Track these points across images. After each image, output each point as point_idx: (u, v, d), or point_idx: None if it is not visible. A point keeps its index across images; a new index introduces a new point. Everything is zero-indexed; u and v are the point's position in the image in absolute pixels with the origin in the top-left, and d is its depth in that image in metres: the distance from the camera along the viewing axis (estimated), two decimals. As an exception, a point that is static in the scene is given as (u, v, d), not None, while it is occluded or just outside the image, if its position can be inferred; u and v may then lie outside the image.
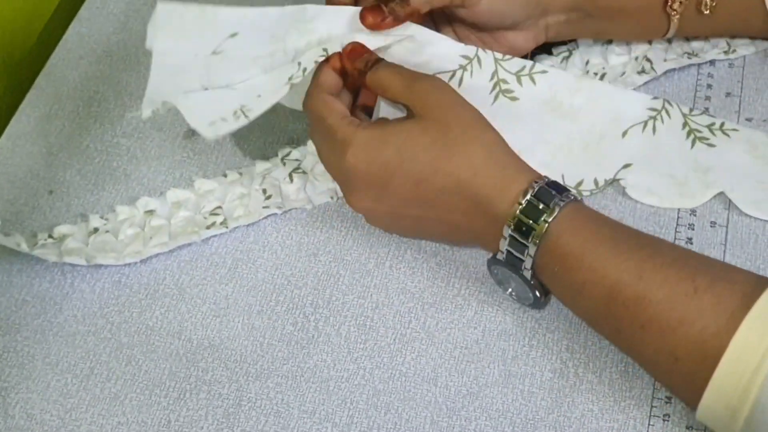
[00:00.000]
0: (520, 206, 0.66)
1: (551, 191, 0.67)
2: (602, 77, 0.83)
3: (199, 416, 0.68)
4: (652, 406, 0.68)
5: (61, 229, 0.77)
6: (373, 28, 0.73)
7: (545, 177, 0.68)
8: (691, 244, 0.74)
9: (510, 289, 0.72)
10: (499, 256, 0.69)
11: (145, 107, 0.74)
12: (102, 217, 0.77)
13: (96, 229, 0.77)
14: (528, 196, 0.66)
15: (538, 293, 0.69)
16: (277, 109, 0.75)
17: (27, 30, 0.95)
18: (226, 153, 0.82)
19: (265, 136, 0.83)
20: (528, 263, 0.67)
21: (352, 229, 0.77)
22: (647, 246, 0.65)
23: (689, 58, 0.84)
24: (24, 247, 0.74)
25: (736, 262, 0.73)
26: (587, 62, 0.84)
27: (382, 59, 0.73)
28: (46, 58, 0.90)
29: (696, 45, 0.85)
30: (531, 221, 0.66)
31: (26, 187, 0.81)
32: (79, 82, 0.88)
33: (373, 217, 0.74)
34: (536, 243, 0.66)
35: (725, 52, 0.85)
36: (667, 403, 0.68)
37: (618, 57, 0.84)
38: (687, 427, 0.67)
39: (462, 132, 0.69)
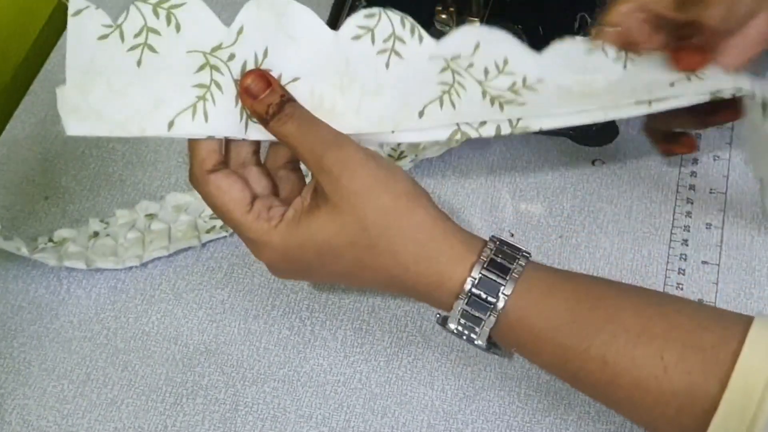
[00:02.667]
0: (462, 301, 0.59)
1: (493, 278, 0.59)
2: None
3: (196, 421, 0.68)
4: (648, 408, 0.68)
5: (61, 233, 0.77)
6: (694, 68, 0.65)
7: (483, 257, 0.59)
8: (687, 252, 0.74)
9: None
10: (452, 326, 0.61)
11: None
12: (102, 221, 0.77)
13: (96, 233, 0.77)
14: (468, 289, 0.59)
15: (496, 353, 0.62)
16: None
17: (22, 35, 0.94)
18: (221, 158, 0.82)
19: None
20: (482, 341, 0.60)
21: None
22: (610, 318, 0.58)
23: None
24: (24, 251, 0.73)
25: (731, 264, 0.73)
26: None
27: (290, 101, 0.61)
28: (41, 63, 0.90)
29: None
30: (477, 314, 0.59)
31: (22, 193, 0.81)
32: (74, 87, 0.88)
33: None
34: (486, 331, 0.59)
35: None
36: (663, 404, 0.68)
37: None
38: (684, 429, 0.67)
39: (384, 227, 0.59)
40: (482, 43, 0.65)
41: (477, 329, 0.60)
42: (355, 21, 0.63)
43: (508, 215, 0.78)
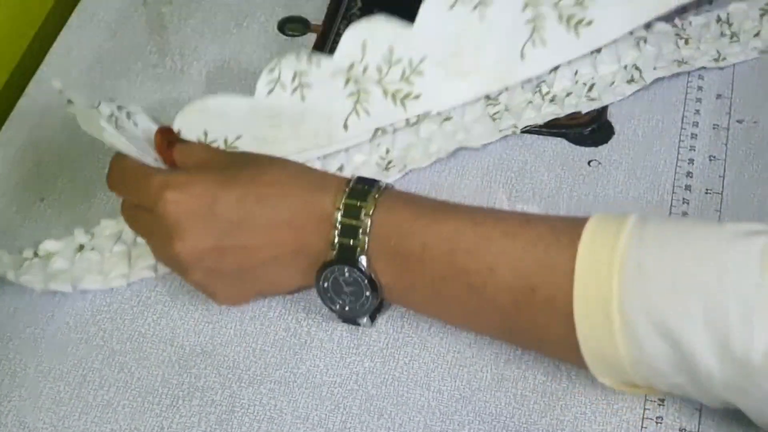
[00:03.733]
0: (348, 187, 0.67)
1: (364, 186, 0.67)
2: (591, 87, 0.83)
3: (192, 423, 0.68)
4: (644, 409, 0.68)
5: (46, 246, 0.76)
6: None
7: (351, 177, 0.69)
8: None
9: (339, 303, 0.70)
10: (331, 256, 0.67)
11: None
12: (87, 232, 0.77)
13: (82, 246, 0.76)
14: (348, 186, 0.67)
15: (372, 286, 0.68)
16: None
17: (17, 39, 0.94)
18: (217, 159, 0.82)
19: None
20: (363, 240, 0.66)
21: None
22: (470, 208, 0.68)
23: (679, 66, 0.85)
24: (11, 276, 0.73)
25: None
26: (576, 72, 0.84)
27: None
28: (36, 66, 0.90)
29: (686, 53, 0.85)
30: (358, 202, 0.66)
31: (17, 197, 0.81)
32: (70, 90, 0.88)
33: (195, 262, 0.68)
34: (369, 214, 0.66)
35: (715, 60, 0.85)
36: (660, 405, 0.68)
37: (607, 66, 0.84)
38: (680, 429, 0.67)
39: (265, 156, 0.71)
40: (368, 40, 0.76)
41: (360, 219, 0.66)
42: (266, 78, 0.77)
43: (504, 216, 0.78)
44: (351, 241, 0.66)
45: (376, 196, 0.67)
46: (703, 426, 0.66)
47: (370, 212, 0.66)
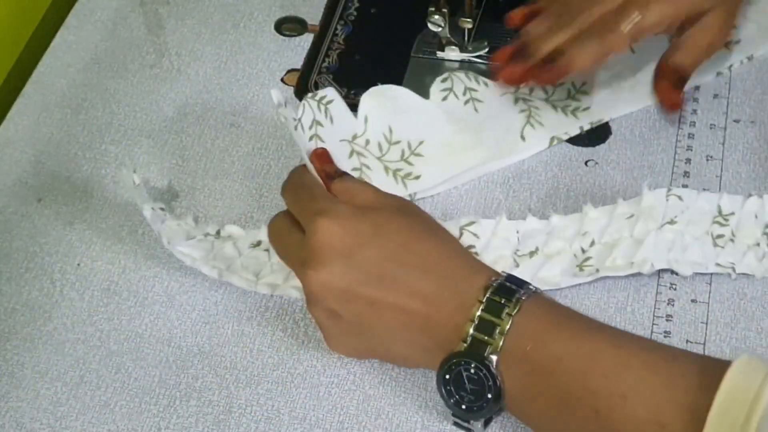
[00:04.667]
0: (495, 282, 0.64)
1: (512, 285, 0.64)
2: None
3: (190, 423, 0.68)
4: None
5: (230, 230, 0.76)
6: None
7: (502, 273, 0.66)
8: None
9: (456, 398, 0.65)
10: (460, 347, 0.63)
11: None
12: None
13: (259, 242, 0.76)
14: (496, 281, 0.64)
15: (495, 389, 0.63)
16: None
17: (14, 38, 0.94)
18: (214, 160, 0.82)
19: (253, 143, 0.83)
20: (498, 340, 0.62)
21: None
22: (614, 330, 0.64)
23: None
24: (171, 241, 0.74)
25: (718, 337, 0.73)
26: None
27: (347, 173, 0.73)
28: (33, 65, 0.90)
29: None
30: (503, 299, 0.63)
31: (14, 195, 0.81)
32: (67, 89, 0.88)
33: (321, 297, 0.66)
34: (511, 315, 0.63)
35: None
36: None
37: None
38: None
39: (434, 222, 0.70)
40: (369, 116, 0.79)
41: (500, 318, 0.63)
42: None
43: (502, 216, 0.78)
44: (486, 337, 0.63)
45: (523, 298, 0.63)
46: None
47: (513, 313, 0.62)
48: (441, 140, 0.80)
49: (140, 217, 0.79)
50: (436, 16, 0.84)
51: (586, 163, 0.81)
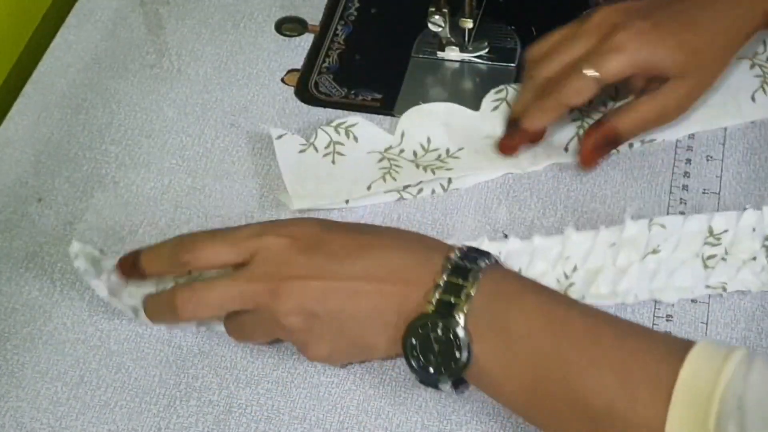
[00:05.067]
0: (456, 254, 0.64)
1: (474, 254, 0.65)
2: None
3: (190, 423, 0.68)
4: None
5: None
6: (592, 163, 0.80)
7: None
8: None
9: (424, 361, 0.64)
10: (427, 309, 0.63)
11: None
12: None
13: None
14: (462, 249, 0.65)
15: (464, 346, 0.62)
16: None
17: (15, 37, 0.94)
18: (214, 160, 0.82)
19: (253, 143, 0.83)
20: (465, 301, 0.62)
21: (342, 234, 0.77)
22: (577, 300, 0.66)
23: None
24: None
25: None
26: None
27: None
28: (33, 65, 0.90)
29: None
30: (468, 264, 0.64)
31: (15, 195, 0.81)
32: (67, 89, 0.88)
33: (297, 302, 0.65)
34: (477, 278, 0.63)
35: None
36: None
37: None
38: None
39: (370, 227, 0.71)
40: (406, 132, 0.82)
41: (467, 280, 0.63)
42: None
43: (502, 216, 0.78)
44: (452, 298, 0.62)
45: (484, 264, 0.64)
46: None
47: (478, 277, 0.63)
48: (478, 148, 0.82)
49: (140, 217, 0.79)
50: (437, 16, 0.84)
51: (586, 163, 0.81)
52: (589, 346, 0.61)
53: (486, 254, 0.65)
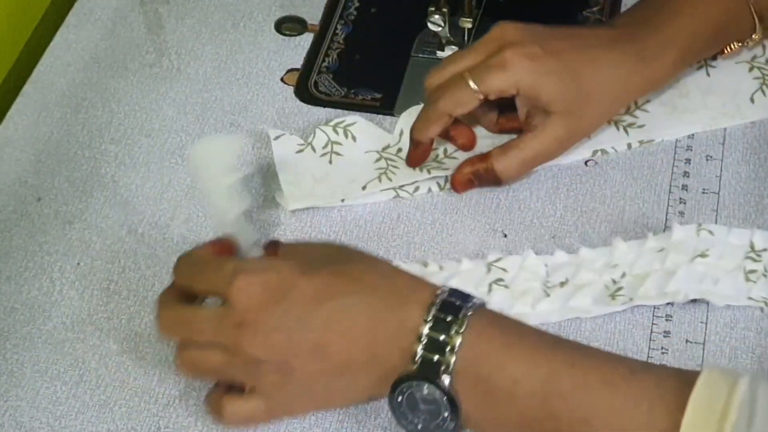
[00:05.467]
0: (439, 298, 0.62)
1: (456, 300, 0.62)
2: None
3: (189, 423, 0.68)
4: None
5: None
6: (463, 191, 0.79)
7: (442, 286, 0.63)
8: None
9: (410, 419, 0.63)
10: (410, 368, 0.61)
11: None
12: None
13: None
14: (438, 299, 0.62)
15: (451, 408, 0.61)
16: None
17: (14, 37, 0.94)
18: (214, 159, 0.82)
19: (252, 142, 0.83)
20: (450, 358, 0.60)
21: (341, 234, 0.77)
22: (568, 344, 0.64)
23: None
24: None
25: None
26: None
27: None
28: (33, 65, 0.90)
29: None
30: (449, 317, 0.61)
31: (14, 194, 0.81)
32: (67, 89, 0.88)
33: (267, 362, 0.62)
34: (460, 332, 0.60)
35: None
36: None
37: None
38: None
39: (358, 250, 0.68)
40: (405, 131, 0.81)
41: (449, 337, 0.60)
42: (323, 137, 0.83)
43: (501, 215, 0.78)
44: (436, 357, 0.60)
45: (469, 313, 0.61)
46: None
47: (461, 330, 0.60)
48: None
49: (140, 216, 0.79)
50: (436, 16, 0.84)
51: (585, 163, 0.81)
52: (578, 399, 0.59)
53: (468, 299, 0.62)
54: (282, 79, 0.88)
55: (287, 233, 0.78)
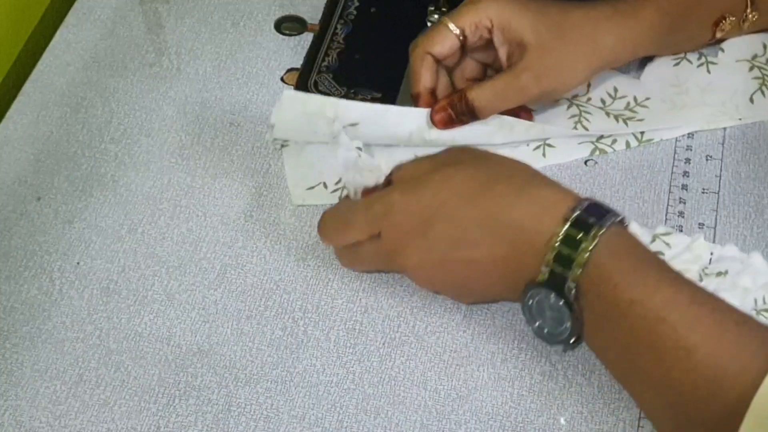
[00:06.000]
0: (574, 213, 0.66)
1: (590, 218, 0.65)
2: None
3: (189, 422, 0.68)
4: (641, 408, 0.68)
5: None
6: (445, 128, 0.79)
7: (586, 199, 0.67)
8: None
9: (539, 323, 0.68)
10: (541, 276, 0.66)
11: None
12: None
13: None
14: (574, 214, 0.65)
15: (573, 321, 0.66)
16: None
17: (14, 36, 0.94)
18: (214, 158, 0.82)
19: (252, 142, 0.83)
20: (576, 271, 0.64)
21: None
22: (691, 282, 0.65)
23: None
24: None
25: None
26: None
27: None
28: (33, 64, 0.90)
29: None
30: (580, 234, 0.65)
31: (14, 194, 0.81)
32: (67, 88, 0.88)
33: (424, 272, 0.71)
34: (588, 249, 0.64)
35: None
36: (656, 404, 0.68)
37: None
38: (676, 429, 0.67)
39: (497, 156, 0.72)
40: (592, 83, 0.83)
41: (575, 256, 0.64)
42: None
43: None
44: (563, 270, 0.65)
45: (601, 232, 0.64)
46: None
47: (590, 248, 0.64)
48: (664, 97, 0.83)
49: (139, 215, 0.79)
50: (436, 16, 0.84)
51: (585, 162, 0.81)
52: (688, 331, 0.61)
53: (603, 217, 0.65)
54: (282, 79, 0.88)
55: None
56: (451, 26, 0.78)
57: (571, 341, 0.67)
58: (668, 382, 0.62)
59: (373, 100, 0.86)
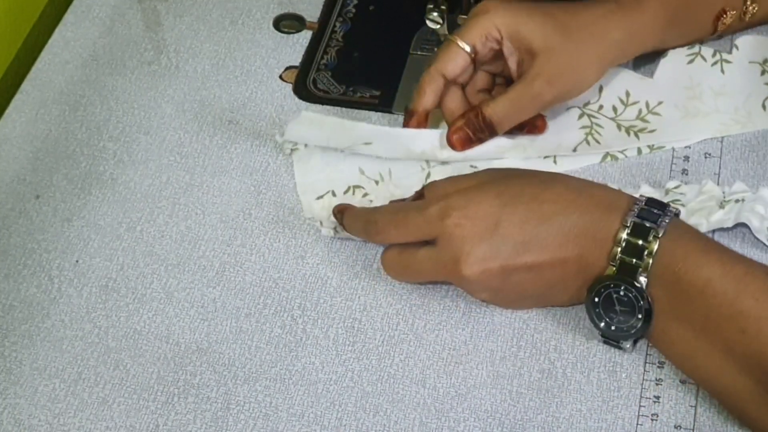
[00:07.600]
0: (638, 206, 0.67)
1: (654, 209, 0.67)
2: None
3: (188, 420, 0.68)
4: (640, 406, 0.68)
5: None
6: (463, 149, 0.79)
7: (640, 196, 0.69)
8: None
9: (606, 321, 0.68)
10: (609, 270, 0.67)
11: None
12: None
13: None
14: (637, 207, 0.67)
15: (645, 309, 0.66)
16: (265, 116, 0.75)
17: (12, 35, 0.94)
18: (212, 156, 0.82)
19: (251, 139, 0.83)
20: (648, 260, 0.65)
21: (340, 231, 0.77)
22: (754, 261, 0.66)
23: None
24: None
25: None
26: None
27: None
28: (31, 62, 0.90)
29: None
30: (648, 223, 0.66)
31: (12, 192, 0.81)
32: (65, 86, 0.88)
33: (485, 280, 0.69)
34: (658, 237, 0.65)
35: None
36: (655, 402, 0.68)
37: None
38: (675, 426, 0.67)
39: (548, 175, 0.72)
40: (605, 85, 0.82)
41: (649, 238, 0.66)
42: None
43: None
44: (634, 260, 0.66)
45: (666, 220, 0.66)
46: (699, 423, 0.67)
47: (660, 235, 0.65)
48: (677, 102, 0.83)
49: (138, 213, 0.79)
50: (435, 14, 0.84)
51: (584, 160, 0.81)
52: None
53: (665, 208, 0.67)
54: (280, 77, 0.88)
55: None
56: (461, 43, 0.77)
57: (641, 333, 0.68)
58: (754, 355, 0.63)
59: (372, 97, 0.86)
